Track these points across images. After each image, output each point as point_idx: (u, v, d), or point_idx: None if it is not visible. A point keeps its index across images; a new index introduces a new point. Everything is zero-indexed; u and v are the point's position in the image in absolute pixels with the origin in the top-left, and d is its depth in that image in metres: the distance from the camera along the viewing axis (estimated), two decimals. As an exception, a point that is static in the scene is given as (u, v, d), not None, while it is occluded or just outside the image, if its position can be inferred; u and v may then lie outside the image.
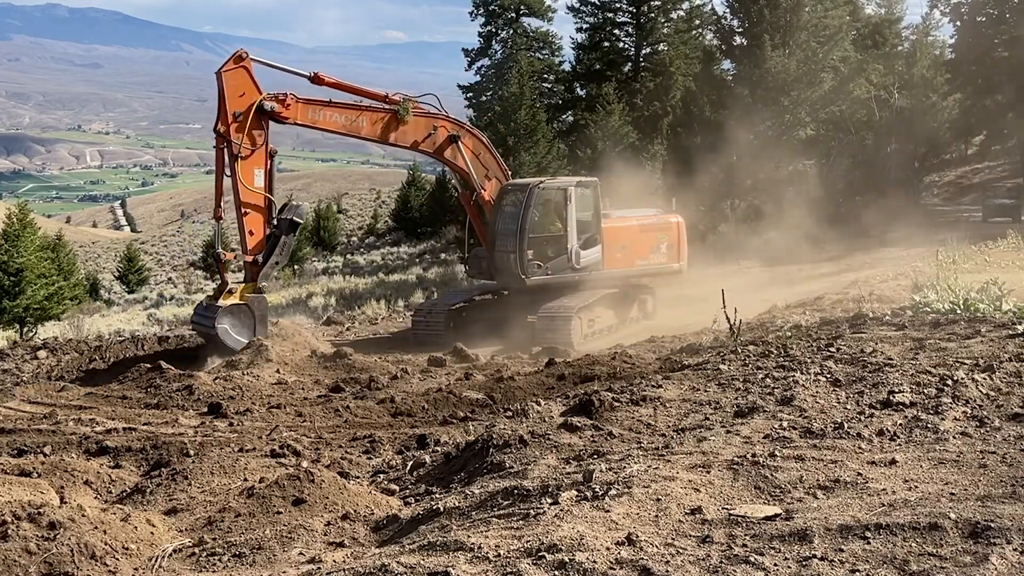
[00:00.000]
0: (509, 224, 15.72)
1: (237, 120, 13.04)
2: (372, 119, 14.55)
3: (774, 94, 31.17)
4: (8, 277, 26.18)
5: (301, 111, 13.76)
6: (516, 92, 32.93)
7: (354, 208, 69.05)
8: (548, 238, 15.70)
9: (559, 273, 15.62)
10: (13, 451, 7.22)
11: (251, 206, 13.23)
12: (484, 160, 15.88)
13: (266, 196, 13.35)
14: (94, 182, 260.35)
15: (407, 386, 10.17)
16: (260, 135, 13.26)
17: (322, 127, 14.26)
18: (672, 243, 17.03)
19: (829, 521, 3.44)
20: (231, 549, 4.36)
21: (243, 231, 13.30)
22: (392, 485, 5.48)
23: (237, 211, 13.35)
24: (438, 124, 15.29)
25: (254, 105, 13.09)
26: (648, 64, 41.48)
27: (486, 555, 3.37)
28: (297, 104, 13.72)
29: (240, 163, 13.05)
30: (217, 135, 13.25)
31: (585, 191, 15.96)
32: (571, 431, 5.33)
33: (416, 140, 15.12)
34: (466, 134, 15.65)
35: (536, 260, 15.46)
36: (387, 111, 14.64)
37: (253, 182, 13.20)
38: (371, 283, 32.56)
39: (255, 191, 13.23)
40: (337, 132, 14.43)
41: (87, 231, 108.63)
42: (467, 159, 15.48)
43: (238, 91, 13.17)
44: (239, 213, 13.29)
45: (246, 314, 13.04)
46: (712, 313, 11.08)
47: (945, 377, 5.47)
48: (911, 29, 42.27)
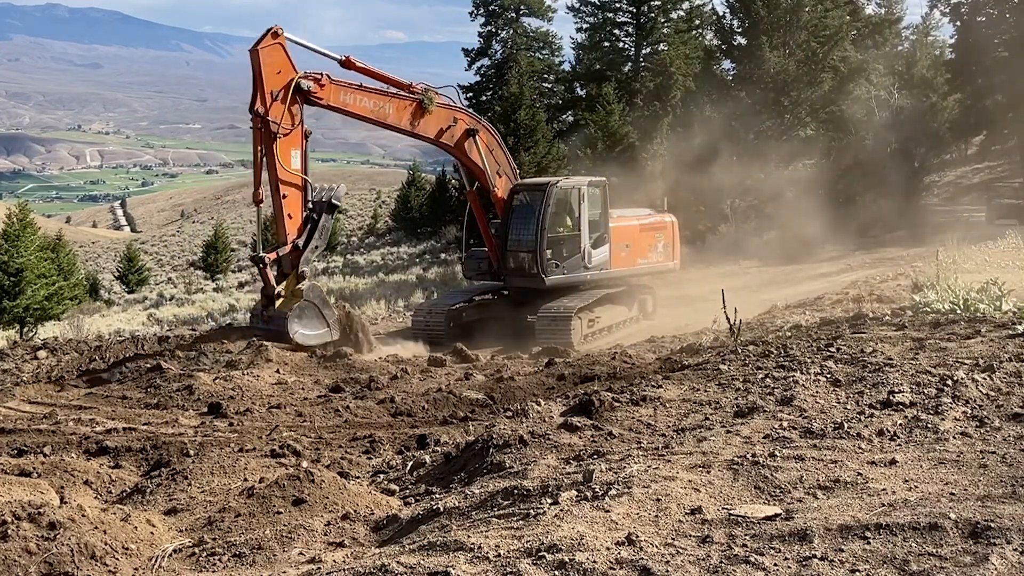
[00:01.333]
0: (524, 224, 15.70)
1: (275, 99, 12.52)
2: (399, 107, 14.24)
3: (774, 94, 31.18)
4: (8, 277, 26.18)
5: (335, 93, 13.35)
6: (516, 92, 32.94)
7: (354, 208, 69.02)
8: (564, 238, 15.72)
9: (573, 272, 15.68)
10: (13, 451, 7.21)
11: (290, 187, 12.71)
12: (496, 156, 15.74)
13: (303, 178, 12.87)
14: (94, 182, 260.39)
15: (407, 386, 10.16)
16: (297, 114, 12.79)
17: (351, 111, 13.81)
18: (668, 242, 17.32)
19: (829, 521, 3.44)
20: (231, 549, 4.36)
21: (281, 215, 12.80)
22: (392, 485, 5.48)
23: (274, 195, 12.77)
24: (457, 117, 15.10)
25: (292, 82, 12.60)
26: (648, 64, 41.47)
27: (486, 555, 3.37)
28: (331, 85, 13.27)
29: (278, 143, 12.52)
30: (254, 115, 12.65)
31: (595, 190, 16.06)
32: (571, 431, 5.33)
33: (440, 130, 14.81)
34: (482, 129, 15.49)
35: (554, 260, 15.46)
36: (412, 100, 14.39)
37: (290, 163, 12.70)
38: (371, 283, 32.56)
39: (293, 173, 12.71)
40: (364, 117, 14.04)
41: (87, 231, 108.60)
42: (482, 154, 15.34)
43: (275, 68, 12.63)
44: (276, 196, 12.72)
45: (310, 309, 12.74)
46: (712, 313, 11.10)
47: (945, 377, 5.47)
48: (911, 29, 42.32)
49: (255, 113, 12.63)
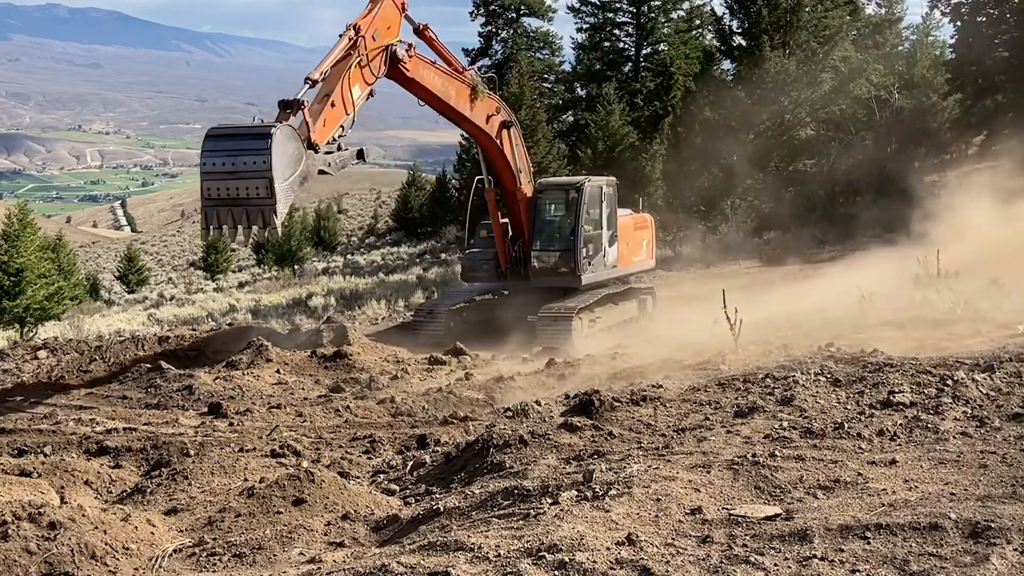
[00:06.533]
0: (554, 223, 15.73)
1: (375, 40, 12.19)
2: (459, 90, 14.11)
3: (774, 94, 31.15)
4: (8, 277, 26.15)
5: (417, 65, 13.23)
6: (516, 92, 32.92)
7: (354, 208, 69.01)
8: (592, 236, 15.78)
9: (598, 271, 15.77)
10: (13, 451, 7.22)
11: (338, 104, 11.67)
12: (522, 152, 15.69)
13: (352, 113, 11.94)
14: (94, 182, 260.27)
15: (407, 386, 10.17)
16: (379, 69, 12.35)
17: (422, 85, 13.48)
18: (649, 240, 17.50)
19: (829, 521, 3.44)
20: (231, 549, 4.36)
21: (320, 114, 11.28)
22: (392, 485, 5.48)
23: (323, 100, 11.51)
24: (498, 107, 15.03)
25: (390, 44, 12.46)
26: (648, 64, 41.46)
27: (486, 555, 3.37)
28: (416, 58, 13.17)
29: (355, 67, 11.82)
30: (353, 28, 11.97)
31: (610, 190, 16.21)
32: (571, 431, 5.33)
33: (487, 117, 14.65)
34: (514, 123, 15.39)
35: (587, 258, 15.53)
36: (467, 84, 14.29)
37: (351, 90, 11.85)
38: (371, 283, 32.53)
39: (348, 100, 11.80)
40: (431, 94, 13.76)
41: (87, 231, 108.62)
42: (514, 148, 15.25)
43: (387, 22, 12.61)
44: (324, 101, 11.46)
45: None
46: (712, 313, 11.09)
47: (945, 377, 5.46)
48: (911, 29, 42.27)
49: (355, 27, 11.98)
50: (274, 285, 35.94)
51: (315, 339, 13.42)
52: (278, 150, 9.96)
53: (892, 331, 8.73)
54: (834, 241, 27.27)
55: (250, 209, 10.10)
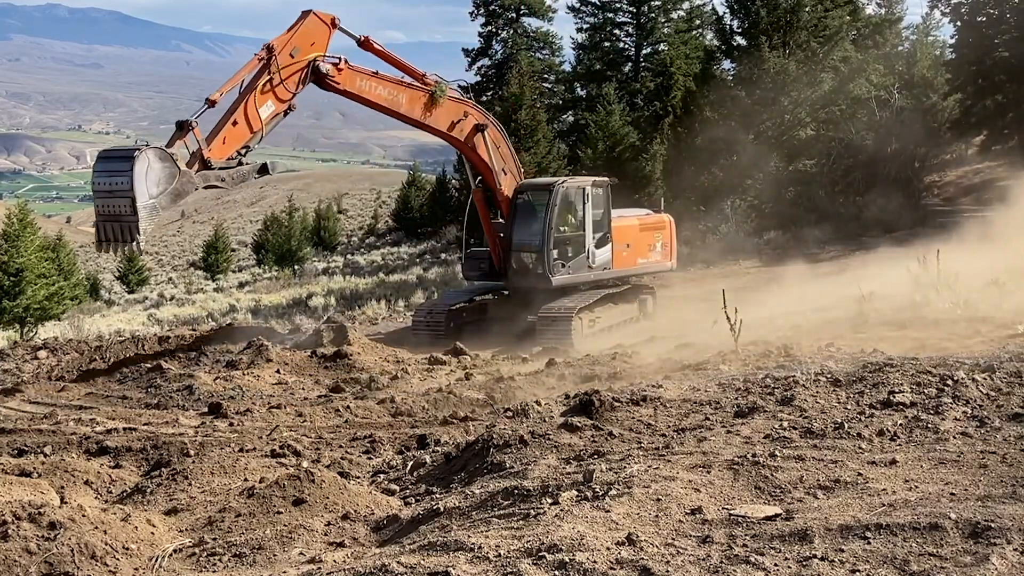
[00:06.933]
0: (529, 224, 15.66)
1: (292, 57, 12.49)
2: (412, 97, 14.14)
3: (774, 94, 31.15)
4: (8, 277, 26.16)
5: (351, 78, 13.32)
6: (516, 92, 32.92)
7: (354, 208, 68.98)
8: (569, 238, 15.69)
9: (578, 272, 15.67)
10: (13, 451, 7.22)
11: (244, 123, 12.23)
12: (503, 154, 15.66)
13: (260, 130, 12.42)
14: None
15: (407, 386, 10.17)
16: (297, 88, 12.68)
17: (365, 97, 13.70)
18: (666, 242, 17.38)
19: (829, 521, 3.44)
20: (231, 549, 4.36)
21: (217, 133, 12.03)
22: (392, 485, 5.48)
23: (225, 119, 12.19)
24: (468, 111, 15.02)
25: (312, 61, 12.64)
26: (648, 64, 41.46)
27: (486, 555, 3.37)
28: (349, 70, 13.25)
29: (261, 87, 12.24)
30: (266, 48, 12.42)
31: (598, 190, 16.06)
32: (571, 431, 5.33)
33: (451, 123, 14.71)
34: (490, 125, 15.39)
35: (560, 260, 15.44)
36: (425, 91, 14.30)
37: (259, 109, 12.31)
38: (371, 283, 32.54)
39: (254, 118, 12.29)
40: (377, 105, 13.90)
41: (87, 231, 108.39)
42: (490, 151, 15.25)
43: (310, 39, 12.78)
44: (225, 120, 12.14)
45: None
46: (712, 313, 11.09)
47: (945, 377, 5.46)
48: (911, 29, 42.25)
49: (268, 47, 12.43)
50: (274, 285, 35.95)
51: (315, 339, 13.43)
52: (141, 171, 10.75)
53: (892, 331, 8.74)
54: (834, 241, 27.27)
55: (122, 224, 10.96)
